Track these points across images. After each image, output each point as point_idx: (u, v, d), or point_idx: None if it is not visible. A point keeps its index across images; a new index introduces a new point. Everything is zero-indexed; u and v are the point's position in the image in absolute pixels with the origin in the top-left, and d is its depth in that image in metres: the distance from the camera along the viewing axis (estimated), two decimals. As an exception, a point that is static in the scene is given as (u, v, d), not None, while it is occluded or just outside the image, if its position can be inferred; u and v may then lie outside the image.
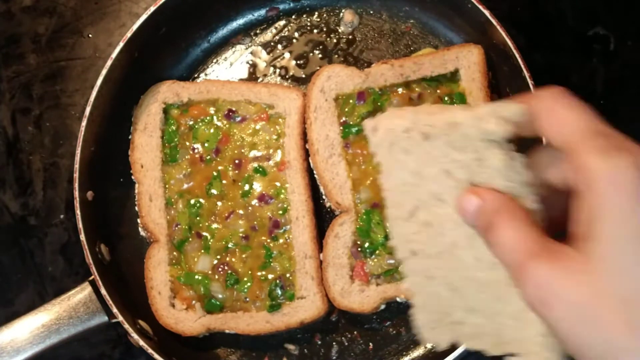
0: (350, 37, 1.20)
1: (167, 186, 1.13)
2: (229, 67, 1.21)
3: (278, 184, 1.12)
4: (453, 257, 0.78)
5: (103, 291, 1.04)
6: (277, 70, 1.20)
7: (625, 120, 1.17)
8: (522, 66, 1.05)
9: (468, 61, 1.11)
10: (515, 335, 0.77)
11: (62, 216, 1.21)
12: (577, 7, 1.21)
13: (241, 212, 1.11)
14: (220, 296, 1.09)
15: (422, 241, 0.80)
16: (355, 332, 1.12)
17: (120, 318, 1.04)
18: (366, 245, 1.09)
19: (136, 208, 1.13)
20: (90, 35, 1.26)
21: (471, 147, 0.75)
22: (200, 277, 1.10)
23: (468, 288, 0.78)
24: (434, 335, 0.81)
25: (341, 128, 1.11)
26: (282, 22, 1.21)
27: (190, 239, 1.11)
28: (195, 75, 1.21)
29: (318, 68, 1.16)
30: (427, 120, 0.78)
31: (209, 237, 1.11)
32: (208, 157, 1.13)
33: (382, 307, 1.09)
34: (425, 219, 0.79)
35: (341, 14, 1.20)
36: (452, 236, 0.77)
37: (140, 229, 1.14)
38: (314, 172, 1.12)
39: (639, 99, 1.19)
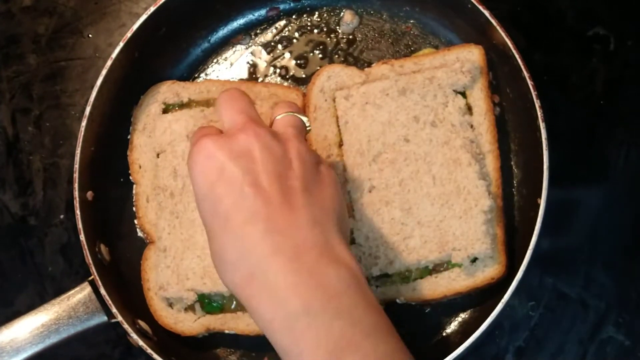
0: (350, 37, 1.19)
1: (165, 187, 1.12)
2: (229, 67, 1.21)
3: (278, 184, 1.11)
4: (413, 182, 1.01)
5: (102, 291, 1.04)
6: (277, 70, 1.19)
7: (625, 121, 1.19)
8: (522, 66, 1.05)
9: (468, 61, 1.10)
10: (460, 231, 1.00)
11: (62, 216, 1.21)
12: (577, 7, 1.21)
13: (241, 212, 1.11)
14: (219, 296, 1.09)
15: (385, 176, 1.02)
16: (355, 333, 1.12)
17: (120, 318, 1.04)
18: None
19: (134, 209, 1.13)
20: (90, 35, 1.26)
21: (441, 93, 1.04)
22: (199, 277, 1.10)
23: (421, 204, 1.01)
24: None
25: (339, 128, 1.11)
26: (282, 22, 1.21)
27: (189, 239, 1.11)
28: (196, 75, 1.21)
29: (318, 68, 1.16)
30: (407, 79, 1.05)
31: (208, 237, 1.10)
32: (208, 157, 1.12)
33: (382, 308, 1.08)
34: (391, 158, 1.02)
35: (341, 14, 1.20)
36: (415, 165, 1.02)
37: (138, 229, 1.14)
38: (313, 172, 1.12)
39: (639, 99, 1.19)
